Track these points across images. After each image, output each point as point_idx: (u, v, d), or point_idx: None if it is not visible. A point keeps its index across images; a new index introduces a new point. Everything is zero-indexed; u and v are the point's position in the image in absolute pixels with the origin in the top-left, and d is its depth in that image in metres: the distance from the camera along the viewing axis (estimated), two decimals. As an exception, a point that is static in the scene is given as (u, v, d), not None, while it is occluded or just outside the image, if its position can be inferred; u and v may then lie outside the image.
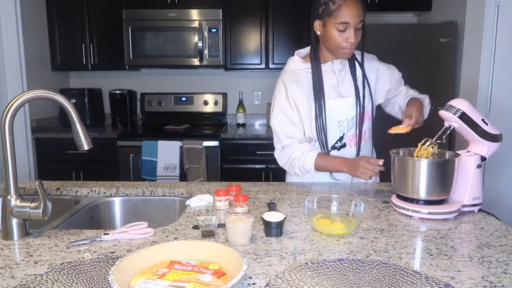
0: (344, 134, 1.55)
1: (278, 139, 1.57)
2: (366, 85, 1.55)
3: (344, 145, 1.56)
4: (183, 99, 3.68)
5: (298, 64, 1.56)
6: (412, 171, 1.24)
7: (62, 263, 0.92)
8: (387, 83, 1.62)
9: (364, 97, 1.54)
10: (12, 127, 1.04)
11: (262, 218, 1.07)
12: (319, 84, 1.51)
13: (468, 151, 1.31)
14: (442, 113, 1.28)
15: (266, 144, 3.12)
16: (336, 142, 1.55)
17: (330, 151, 1.56)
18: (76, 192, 1.53)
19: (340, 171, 1.51)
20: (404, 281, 0.83)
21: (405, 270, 0.87)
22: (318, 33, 1.49)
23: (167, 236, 1.08)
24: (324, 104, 1.50)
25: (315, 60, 1.52)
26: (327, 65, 1.53)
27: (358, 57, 1.58)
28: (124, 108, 3.54)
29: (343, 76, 1.55)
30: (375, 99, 1.61)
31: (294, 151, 1.52)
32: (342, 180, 1.60)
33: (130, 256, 0.85)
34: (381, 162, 1.39)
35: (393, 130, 1.43)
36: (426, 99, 1.61)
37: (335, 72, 1.54)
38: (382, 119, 1.73)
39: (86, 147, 1.10)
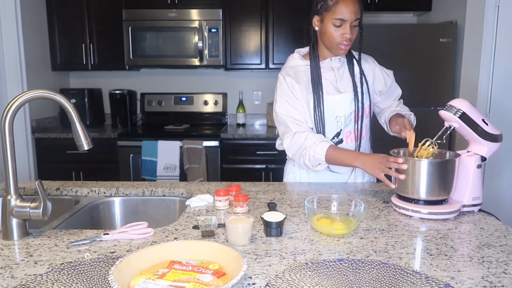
0: (341, 130, 1.56)
1: (287, 127, 1.52)
2: (364, 82, 1.57)
3: (341, 141, 1.57)
4: (183, 99, 3.68)
5: (297, 61, 1.59)
6: (412, 171, 1.24)
7: (62, 263, 0.92)
8: (381, 85, 1.64)
9: (362, 93, 1.55)
10: (12, 127, 1.04)
11: (262, 218, 1.07)
12: (317, 78, 1.53)
13: (468, 151, 1.31)
14: (442, 113, 1.28)
15: (266, 144, 3.12)
16: (333, 138, 1.56)
17: None
18: (76, 192, 1.53)
19: (352, 166, 1.46)
20: (404, 281, 0.83)
21: (405, 270, 0.87)
22: (316, 28, 1.53)
23: (167, 236, 1.08)
24: (322, 98, 1.52)
25: (314, 56, 1.55)
26: (326, 62, 1.57)
27: (356, 55, 1.60)
28: (124, 108, 3.54)
29: (342, 73, 1.58)
30: (373, 97, 1.63)
31: (306, 139, 1.47)
32: (339, 173, 1.60)
33: (130, 256, 0.85)
34: (404, 165, 1.24)
35: (411, 147, 1.35)
36: (411, 116, 1.66)
37: (333, 69, 1.57)
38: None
39: (86, 147, 1.10)
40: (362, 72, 1.58)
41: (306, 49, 1.63)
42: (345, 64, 1.58)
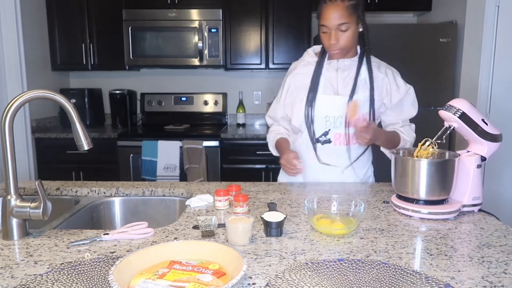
0: (329, 130, 1.57)
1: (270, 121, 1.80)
2: (367, 89, 1.55)
3: (328, 141, 1.58)
4: (183, 99, 3.68)
5: (309, 57, 1.66)
6: (412, 171, 1.24)
7: (62, 263, 0.92)
8: (386, 98, 1.59)
9: (360, 100, 1.53)
10: (12, 127, 1.04)
11: (262, 218, 1.07)
12: (317, 75, 1.58)
13: (468, 151, 1.31)
14: (442, 113, 1.28)
15: (266, 144, 3.08)
16: (321, 136, 1.58)
17: (315, 143, 1.59)
18: (76, 192, 1.53)
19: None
20: (404, 281, 0.83)
21: (405, 270, 0.87)
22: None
23: (167, 236, 1.08)
24: (316, 96, 1.56)
25: (322, 56, 1.60)
26: (333, 62, 1.59)
27: (373, 64, 1.58)
28: (124, 108, 3.54)
29: (345, 75, 1.58)
30: (378, 107, 1.59)
31: (270, 132, 1.77)
32: (331, 165, 1.60)
33: (130, 256, 0.85)
34: (297, 164, 1.50)
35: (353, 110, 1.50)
36: (407, 144, 1.62)
37: (337, 70, 1.58)
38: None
39: (86, 147, 1.10)
40: (370, 79, 1.55)
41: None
42: (353, 67, 1.57)
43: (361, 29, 1.51)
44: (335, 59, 1.57)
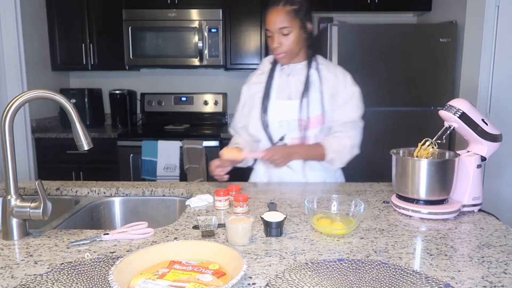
0: (285, 135, 1.58)
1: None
2: (317, 92, 1.55)
3: (285, 146, 1.59)
4: (183, 99, 3.68)
5: (264, 67, 1.69)
6: (412, 171, 1.24)
7: (62, 263, 0.92)
8: (333, 98, 1.57)
9: (311, 103, 1.53)
10: (12, 127, 1.04)
11: (262, 218, 1.07)
12: (269, 82, 1.61)
13: (468, 151, 1.31)
14: (442, 113, 1.28)
15: (266, 144, 3.12)
16: (278, 142, 1.60)
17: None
18: (76, 192, 1.53)
19: None
20: (404, 281, 0.83)
21: (405, 270, 0.87)
22: None
23: (167, 236, 1.08)
24: (269, 102, 1.58)
25: (274, 62, 1.64)
26: (285, 68, 1.61)
27: (322, 66, 1.59)
28: (124, 108, 3.54)
29: (296, 79, 1.59)
30: (328, 108, 1.56)
31: (230, 143, 1.75)
32: (293, 170, 1.61)
33: (130, 256, 0.85)
34: (215, 168, 1.51)
35: (227, 154, 1.48)
36: (334, 157, 1.55)
37: (288, 76, 1.60)
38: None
39: (86, 147, 1.10)
40: (320, 82, 1.56)
41: None
42: (303, 71, 1.58)
43: (305, 35, 1.53)
44: (283, 64, 1.59)
